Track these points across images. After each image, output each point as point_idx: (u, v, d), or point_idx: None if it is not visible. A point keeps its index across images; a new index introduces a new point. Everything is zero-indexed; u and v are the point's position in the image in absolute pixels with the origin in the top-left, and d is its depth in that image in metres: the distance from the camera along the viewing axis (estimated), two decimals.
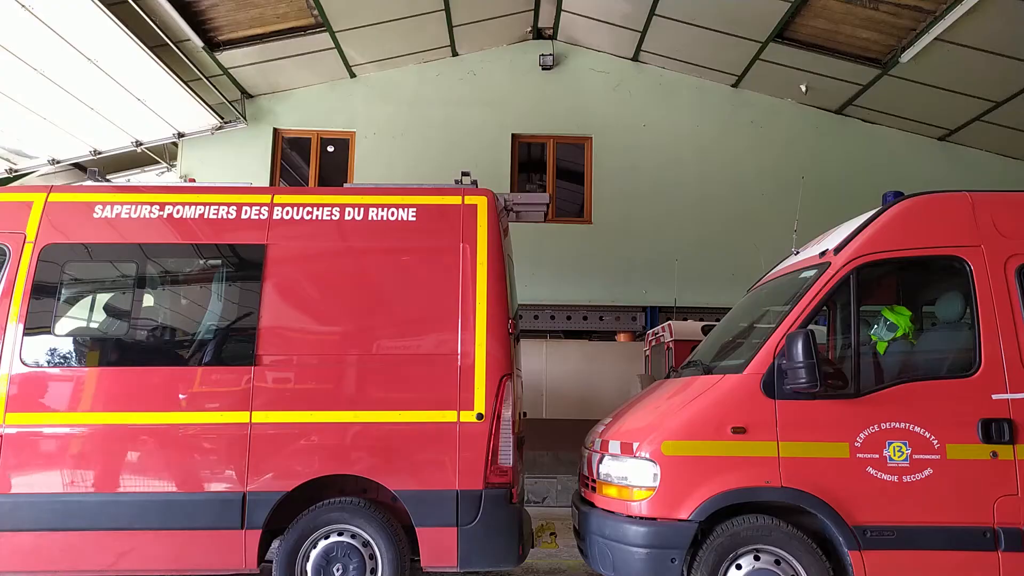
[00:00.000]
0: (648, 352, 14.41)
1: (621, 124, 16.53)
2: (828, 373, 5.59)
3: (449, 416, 6.16)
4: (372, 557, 6.18)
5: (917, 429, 5.46)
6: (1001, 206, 5.89)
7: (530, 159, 17.59)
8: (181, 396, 6.23)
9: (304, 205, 6.65)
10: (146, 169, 16.65)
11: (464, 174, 7.05)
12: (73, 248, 6.56)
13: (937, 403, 5.50)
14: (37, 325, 6.39)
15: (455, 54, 16.74)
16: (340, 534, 6.20)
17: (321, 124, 16.35)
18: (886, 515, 5.37)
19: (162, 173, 16.49)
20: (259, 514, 6.05)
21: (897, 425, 5.46)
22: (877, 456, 5.43)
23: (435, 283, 6.40)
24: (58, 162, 14.69)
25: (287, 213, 6.62)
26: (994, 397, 5.46)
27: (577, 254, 16.14)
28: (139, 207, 6.63)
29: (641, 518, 5.57)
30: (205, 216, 6.59)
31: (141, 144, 14.90)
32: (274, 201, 6.66)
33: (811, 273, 6.00)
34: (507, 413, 6.17)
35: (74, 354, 6.41)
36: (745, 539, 5.48)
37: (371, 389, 6.28)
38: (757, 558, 5.48)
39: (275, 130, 16.19)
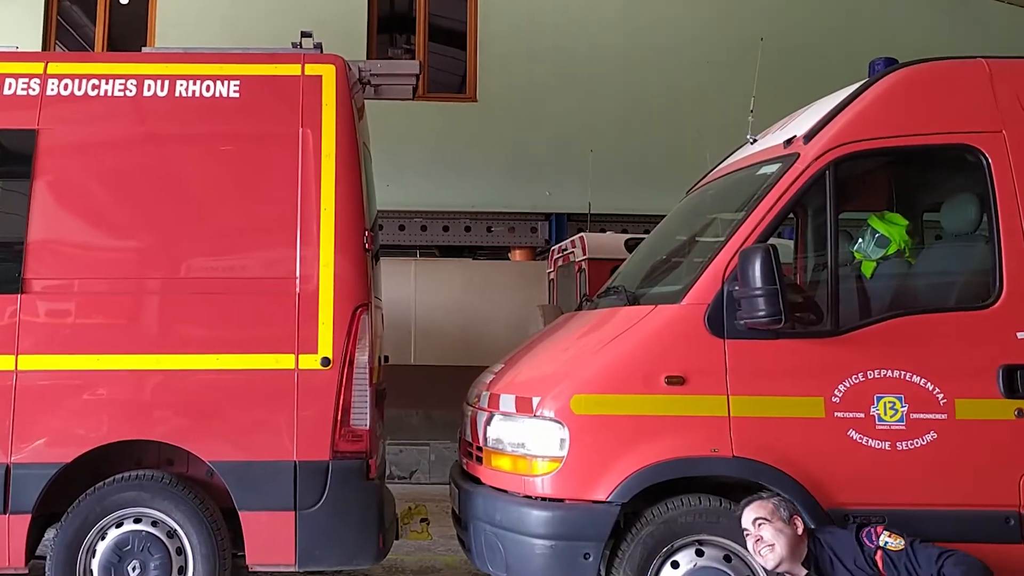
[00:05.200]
0: (553, 275, 13.88)
1: None
2: (796, 303, 5.18)
3: (284, 362, 5.66)
4: (180, 551, 5.61)
5: (916, 379, 5.00)
6: None
7: (393, 15, 16.82)
8: None
9: (89, 77, 6.04)
10: None
11: (304, 35, 6.53)
12: None
13: (943, 343, 5.06)
14: None
15: None
16: (137, 521, 5.61)
17: None
18: (874, 495, 4.97)
19: None
20: (27, 494, 5.53)
21: (889, 373, 5.01)
22: (862, 415, 4.99)
23: (265, 182, 5.94)
24: None
25: (65, 87, 6.00)
26: (1020, 335, 5.01)
27: (457, 142, 15.01)
28: None
29: (543, 499, 5.15)
30: None
31: None
32: (48, 71, 6.06)
33: (773, 168, 5.53)
34: (362, 358, 5.71)
35: None
36: (684, 528, 5.01)
37: (179, 325, 5.81)
38: (700, 553, 4.98)
39: None
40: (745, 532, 4.54)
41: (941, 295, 5.58)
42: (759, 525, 4.50)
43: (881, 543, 4.41)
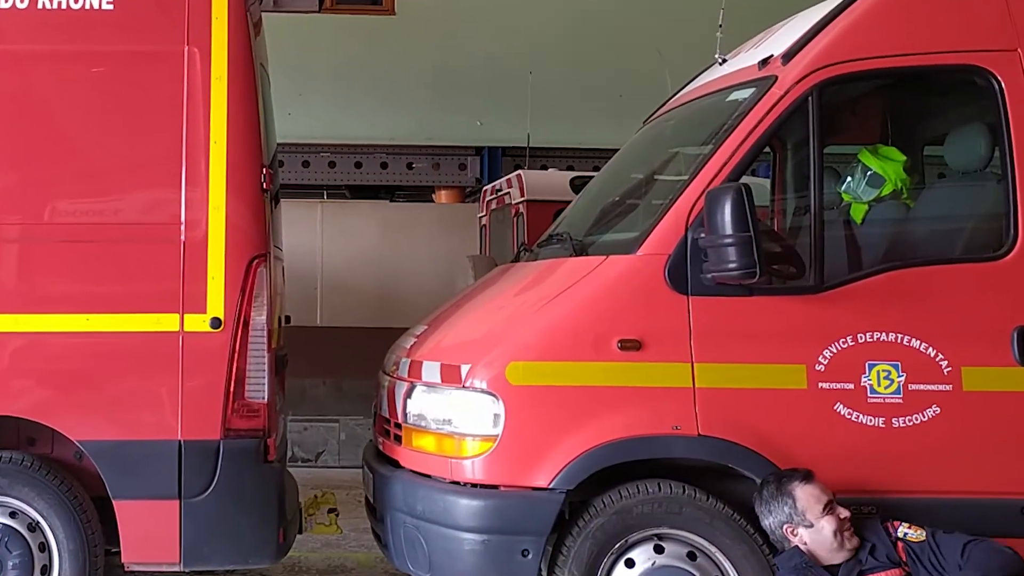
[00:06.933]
0: (485, 220, 13.54)
1: None
2: (773, 253, 4.93)
3: (167, 323, 5.26)
4: (44, 547, 5.26)
5: (916, 343, 4.69)
6: None
7: None
8: None
9: None
10: None
11: None
12: None
13: (947, 301, 4.76)
14: None
15: None
16: None
17: None
18: (864, 480, 4.69)
19: None
20: None
21: (884, 336, 4.69)
22: (852, 386, 4.68)
23: (144, 110, 5.48)
24: None
25: None
26: None
27: (372, 64, 14.19)
28: None
29: (474, 485, 4.87)
30: None
31: None
32: None
33: (746, 94, 5.20)
34: (259, 318, 5.33)
35: None
36: (640, 519, 4.70)
37: (41, 280, 5.42)
38: (659, 549, 4.66)
39: None
40: (826, 508, 4.29)
41: (945, 244, 5.24)
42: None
43: (900, 535, 4.29)
